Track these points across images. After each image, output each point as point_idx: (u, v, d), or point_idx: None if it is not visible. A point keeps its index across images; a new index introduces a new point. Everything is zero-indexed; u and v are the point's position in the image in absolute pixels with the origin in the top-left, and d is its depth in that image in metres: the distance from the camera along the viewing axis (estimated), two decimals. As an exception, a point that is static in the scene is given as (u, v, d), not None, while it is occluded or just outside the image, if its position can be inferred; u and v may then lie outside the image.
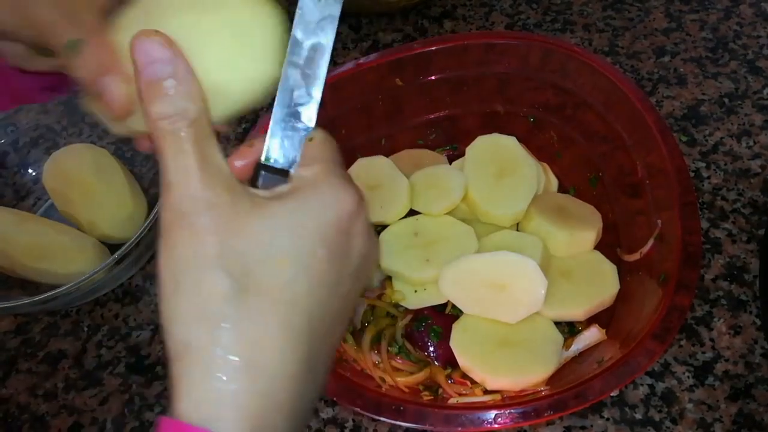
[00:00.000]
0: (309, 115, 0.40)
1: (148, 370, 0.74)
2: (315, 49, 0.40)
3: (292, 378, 0.32)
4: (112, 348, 0.76)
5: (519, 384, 0.60)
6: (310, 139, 0.39)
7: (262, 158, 0.39)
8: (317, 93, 0.40)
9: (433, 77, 0.77)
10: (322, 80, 0.40)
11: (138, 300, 0.79)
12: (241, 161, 0.39)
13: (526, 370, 0.60)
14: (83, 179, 0.80)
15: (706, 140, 0.83)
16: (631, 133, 0.68)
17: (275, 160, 0.39)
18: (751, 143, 0.82)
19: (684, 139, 0.83)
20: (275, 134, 0.39)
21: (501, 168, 0.73)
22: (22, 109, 0.89)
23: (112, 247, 0.80)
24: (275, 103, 0.39)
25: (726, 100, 0.87)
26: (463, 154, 0.76)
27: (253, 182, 0.38)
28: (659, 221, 0.63)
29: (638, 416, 0.65)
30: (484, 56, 0.75)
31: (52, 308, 0.77)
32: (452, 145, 0.82)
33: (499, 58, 0.75)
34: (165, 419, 0.31)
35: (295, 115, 0.39)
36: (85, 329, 0.78)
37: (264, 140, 0.39)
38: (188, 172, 0.33)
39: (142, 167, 0.88)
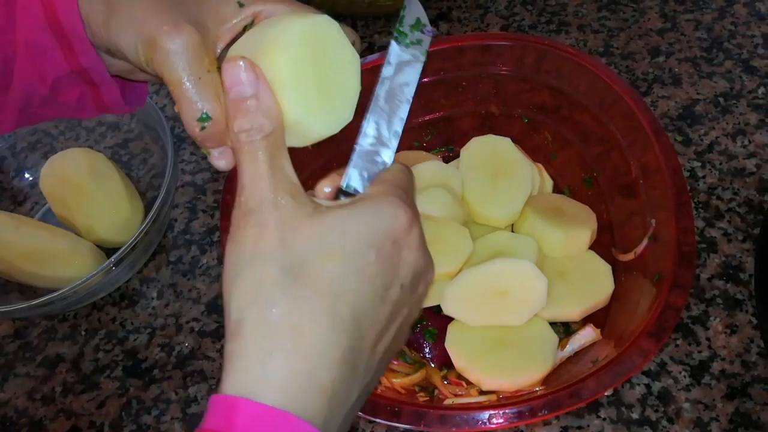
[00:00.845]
0: (389, 151, 0.44)
1: (145, 374, 0.74)
2: (401, 87, 0.45)
3: (334, 363, 0.35)
4: (110, 351, 0.76)
5: (514, 384, 0.60)
6: (387, 168, 0.43)
7: (343, 185, 0.42)
8: (399, 130, 0.44)
9: (428, 79, 0.77)
10: (404, 119, 0.45)
11: (135, 304, 0.79)
12: (329, 188, 0.43)
13: (522, 371, 0.60)
14: (80, 183, 0.81)
15: (702, 140, 0.83)
16: (626, 133, 0.68)
17: (354, 189, 0.42)
18: (746, 142, 0.82)
19: (679, 138, 0.84)
20: (357, 165, 0.43)
21: (496, 169, 0.73)
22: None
23: (109, 251, 0.80)
24: (360, 134, 0.43)
25: (721, 99, 0.87)
26: (458, 156, 0.76)
27: None
28: (653, 221, 0.63)
29: (635, 416, 0.65)
30: (480, 58, 0.75)
31: (49, 312, 0.77)
32: (448, 146, 0.82)
33: (495, 60, 0.75)
34: (215, 396, 0.34)
35: (377, 149, 0.43)
36: (83, 333, 0.78)
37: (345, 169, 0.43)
38: (259, 177, 0.37)
39: (139, 171, 0.88)
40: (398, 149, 0.79)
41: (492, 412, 0.52)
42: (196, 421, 0.69)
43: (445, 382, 0.64)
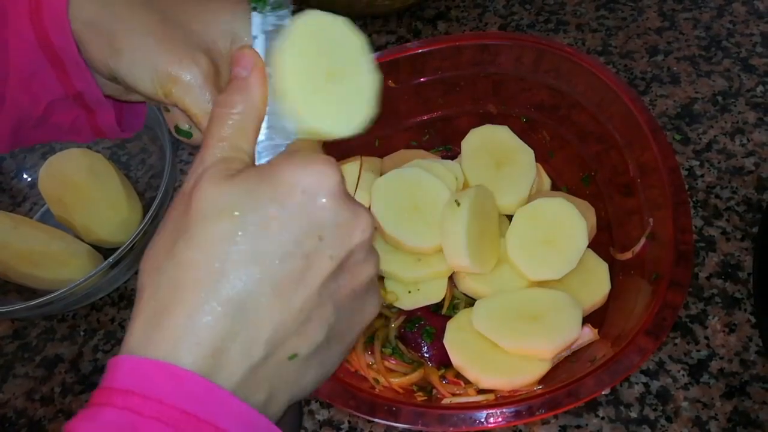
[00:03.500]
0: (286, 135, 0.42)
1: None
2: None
3: (218, 317, 0.35)
4: (109, 352, 0.76)
5: (512, 384, 0.60)
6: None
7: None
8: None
9: (427, 78, 0.77)
10: None
11: (133, 304, 0.79)
12: None
13: (519, 370, 0.60)
14: (78, 184, 0.81)
15: (700, 139, 0.83)
16: (624, 132, 0.68)
17: None
18: (745, 141, 0.82)
19: (678, 137, 0.84)
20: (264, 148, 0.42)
21: (498, 158, 0.73)
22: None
23: (107, 251, 0.80)
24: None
25: (719, 98, 0.87)
26: (456, 156, 0.76)
27: None
28: (651, 220, 0.63)
29: (633, 415, 0.65)
30: (478, 57, 0.75)
31: (48, 312, 0.77)
32: (446, 146, 0.82)
33: (493, 59, 0.75)
34: (109, 360, 0.35)
35: (275, 129, 0.42)
36: (82, 333, 0.78)
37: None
38: (206, 148, 0.39)
39: (137, 171, 0.88)
40: (396, 149, 0.80)
41: (490, 411, 0.52)
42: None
43: (444, 382, 0.64)
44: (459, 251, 0.64)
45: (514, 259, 0.67)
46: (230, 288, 0.35)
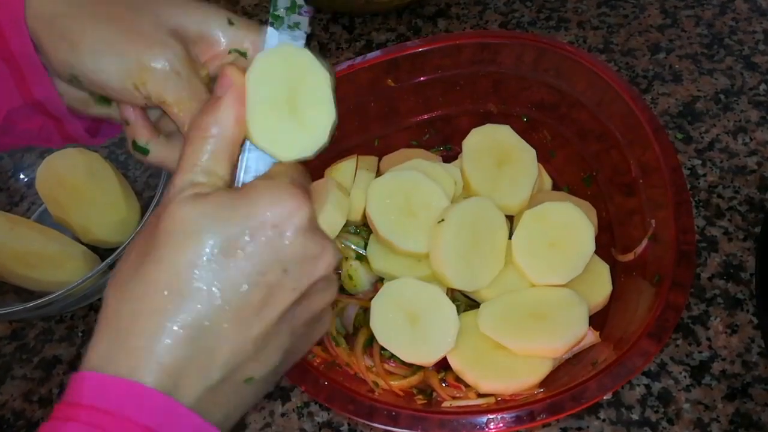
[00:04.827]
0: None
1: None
2: None
3: (178, 340, 0.35)
4: (107, 353, 0.75)
5: (510, 388, 0.59)
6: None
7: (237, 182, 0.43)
8: None
9: (427, 77, 0.77)
10: None
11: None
12: None
13: (518, 374, 0.60)
14: (76, 184, 0.80)
15: (702, 137, 0.83)
16: (625, 132, 0.67)
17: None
18: (747, 140, 0.82)
19: (680, 136, 0.83)
20: (249, 162, 0.43)
21: (499, 158, 0.72)
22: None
23: (105, 252, 0.80)
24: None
25: (722, 96, 0.86)
26: (457, 155, 0.75)
27: None
28: (653, 221, 0.62)
29: (635, 417, 0.65)
30: (478, 56, 0.75)
31: (46, 314, 0.76)
32: (446, 145, 0.82)
33: (493, 58, 0.74)
34: (73, 374, 0.36)
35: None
36: (80, 334, 0.78)
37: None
38: (180, 171, 0.39)
39: (136, 171, 0.87)
40: (396, 149, 0.79)
41: (491, 416, 0.51)
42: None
43: (444, 385, 0.63)
44: (445, 273, 0.65)
45: (519, 263, 0.66)
46: (192, 312, 0.36)
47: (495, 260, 0.67)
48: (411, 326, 0.63)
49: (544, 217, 0.67)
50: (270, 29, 0.44)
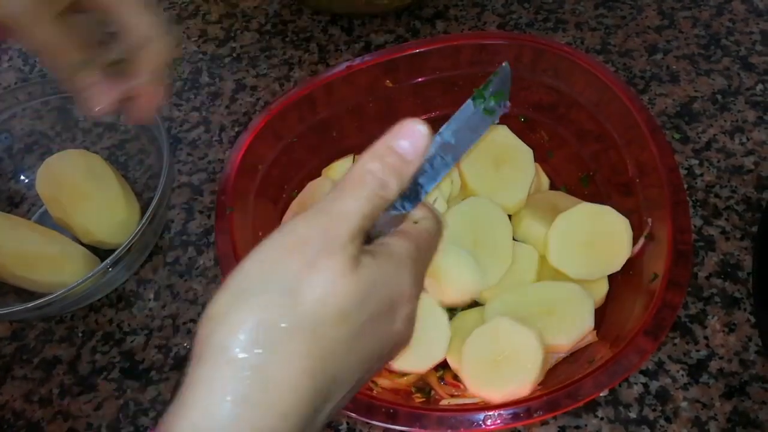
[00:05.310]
0: (412, 203, 0.42)
1: (143, 375, 0.74)
2: (448, 149, 0.44)
3: (300, 423, 0.33)
4: (107, 353, 0.76)
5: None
6: (415, 222, 0.42)
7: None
8: (429, 189, 0.43)
9: (425, 78, 0.77)
10: (438, 181, 0.44)
11: (132, 305, 0.79)
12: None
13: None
14: (76, 185, 0.80)
15: (699, 137, 0.83)
16: (622, 132, 0.68)
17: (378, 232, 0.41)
18: (744, 140, 0.82)
19: (677, 136, 0.83)
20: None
21: (496, 158, 0.73)
22: (16, 116, 0.89)
23: (105, 253, 0.80)
24: None
25: (719, 96, 0.87)
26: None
27: None
28: (649, 220, 0.63)
29: (632, 415, 0.65)
30: (476, 57, 0.75)
31: (46, 314, 0.77)
32: (445, 146, 0.82)
33: (491, 59, 0.75)
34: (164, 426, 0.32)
35: (402, 198, 0.42)
36: (80, 335, 0.78)
37: None
38: (354, 215, 0.35)
39: (135, 172, 0.88)
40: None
41: (488, 413, 0.52)
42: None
43: (441, 383, 0.64)
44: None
45: (553, 259, 0.67)
46: (318, 392, 0.33)
47: (501, 257, 0.67)
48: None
49: (582, 218, 0.67)
50: (469, 102, 0.46)
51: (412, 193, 0.42)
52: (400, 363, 0.62)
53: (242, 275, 0.34)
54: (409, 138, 0.37)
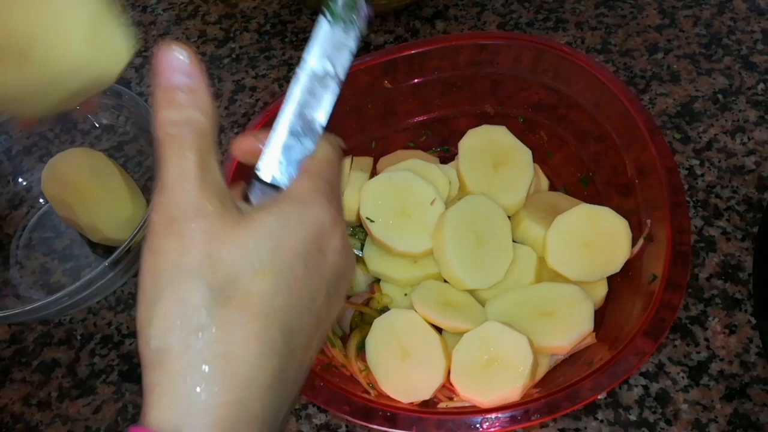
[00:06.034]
0: (311, 139, 0.40)
1: (141, 378, 0.73)
2: (325, 76, 0.41)
3: (266, 389, 0.33)
4: (105, 356, 0.76)
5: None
6: (312, 157, 0.40)
7: (257, 169, 0.39)
8: (323, 120, 0.41)
9: (424, 79, 0.77)
10: (330, 108, 0.41)
11: (130, 308, 0.79)
12: (240, 151, 0.41)
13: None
14: (82, 183, 0.80)
15: (700, 137, 0.83)
16: (622, 133, 0.67)
17: (273, 178, 0.39)
18: (746, 140, 0.82)
19: (678, 136, 0.83)
20: (272, 150, 0.40)
21: (496, 159, 0.72)
22: (15, 117, 0.89)
23: (111, 253, 0.80)
24: (278, 122, 0.40)
25: (720, 96, 0.86)
26: (455, 156, 0.75)
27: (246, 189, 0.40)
28: (649, 221, 0.62)
29: (632, 417, 0.65)
30: (476, 57, 0.75)
31: (44, 317, 0.76)
32: (444, 146, 0.82)
33: (491, 59, 0.74)
34: (135, 429, 0.31)
35: (297, 137, 0.40)
36: (78, 338, 0.78)
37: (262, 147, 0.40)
38: (186, 178, 0.33)
39: (135, 174, 0.88)
40: (393, 150, 0.79)
41: (485, 416, 0.51)
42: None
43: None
44: (457, 277, 0.65)
45: (552, 261, 0.66)
46: (273, 354, 0.33)
47: (503, 254, 0.67)
48: (401, 362, 0.62)
49: (581, 219, 0.67)
50: (321, 17, 0.42)
51: (308, 131, 0.40)
52: (403, 396, 0.61)
53: (141, 289, 0.33)
54: (166, 68, 0.35)
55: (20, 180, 0.89)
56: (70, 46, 0.43)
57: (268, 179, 0.39)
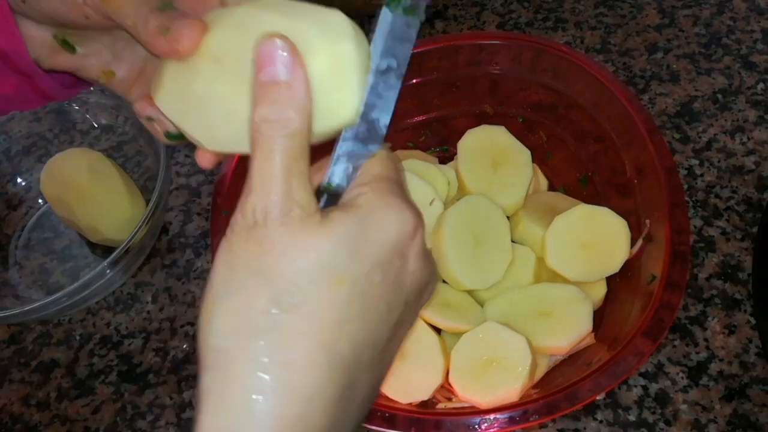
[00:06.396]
0: (376, 142, 0.37)
1: (140, 379, 0.73)
2: (389, 72, 0.38)
3: (330, 404, 0.31)
4: (104, 356, 0.76)
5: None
6: (377, 158, 0.37)
7: (325, 182, 0.37)
8: (387, 120, 0.38)
9: (424, 78, 0.77)
10: (393, 107, 0.38)
11: (130, 308, 0.79)
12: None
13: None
14: (80, 184, 0.80)
15: (700, 137, 0.82)
16: (621, 133, 0.67)
17: (338, 185, 0.37)
18: (745, 139, 0.81)
19: (677, 136, 0.83)
20: (341, 161, 0.37)
21: (495, 159, 0.72)
22: (14, 117, 0.89)
23: (110, 254, 0.80)
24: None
25: (719, 96, 0.86)
26: (454, 156, 0.75)
27: None
28: (648, 222, 0.62)
29: (632, 418, 0.65)
30: (475, 57, 0.75)
31: (44, 317, 0.76)
32: (443, 146, 0.82)
33: (490, 59, 0.74)
34: None
35: (364, 142, 0.37)
36: (77, 338, 0.78)
37: (328, 163, 0.37)
38: (272, 181, 0.32)
39: (134, 174, 0.88)
40: (393, 149, 0.79)
41: (484, 417, 0.51)
42: (191, 426, 0.69)
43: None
44: (456, 278, 0.65)
45: (551, 259, 0.66)
46: (342, 367, 0.31)
47: (501, 255, 0.67)
48: (400, 363, 0.62)
49: (580, 219, 0.66)
50: (385, 9, 0.38)
51: (372, 132, 0.37)
52: (402, 397, 0.61)
53: (210, 284, 0.32)
54: (268, 61, 0.33)
55: (19, 180, 0.89)
56: None
57: (333, 187, 0.37)
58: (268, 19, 0.35)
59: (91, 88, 0.80)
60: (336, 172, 0.36)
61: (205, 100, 0.36)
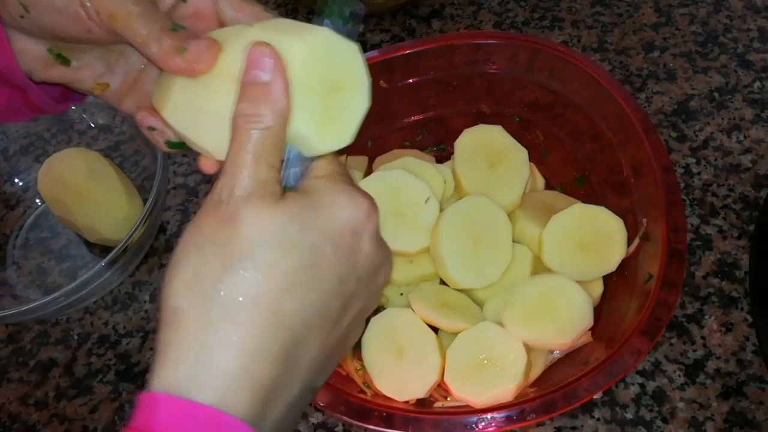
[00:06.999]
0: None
1: (138, 378, 0.73)
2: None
3: (274, 359, 0.33)
4: (102, 356, 0.76)
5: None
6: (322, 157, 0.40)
7: (283, 181, 0.39)
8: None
9: (420, 78, 0.77)
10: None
11: (127, 307, 0.79)
12: None
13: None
14: (77, 184, 0.80)
15: (696, 136, 0.83)
16: (617, 132, 0.68)
17: (293, 187, 0.39)
18: (742, 138, 0.82)
19: (674, 135, 0.83)
20: (292, 164, 0.39)
21: (491, 158, 0.72)
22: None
23: (111, 250, 0.80)
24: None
25: (716, 94, 0.86)
26: (450, 155, 0.75)
27: None
28: (645, 220, 0.62)
29: (629, 416, 0.65)
30: (472, 56, 0.75)
31: (42, 317, 0.77)
32: (440, 146, 0.82)
33: (487, 59, 0.75)
34: (141, 394, 0.32)
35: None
36: (75, 337, 0.78)
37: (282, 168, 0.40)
38: (240, 167, 0.35)
39: (131, 173, 0.88)
40: (389, 150, 0.79)
41: (481, 416, 0.52)
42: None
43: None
44: (451, 276, 0.65)
45: (548, 260, 0.67)
46: (288, 328, 0.34)
47: (500, 256, 0.67)
48: (396, 360, 0.63)
49: (577, 218, 0.67)
50: (326, 21, 0.41)
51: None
52: (398, 395, 0.62)
53: (173, 255, 0.35)
54: (254, 64, 0.36)
55: (17, 180, 0.89)
56: None
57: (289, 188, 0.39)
58: (270, 39, 0.38)
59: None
60: (291, 175, 0.39)
61: (219, 115, 0.38)
